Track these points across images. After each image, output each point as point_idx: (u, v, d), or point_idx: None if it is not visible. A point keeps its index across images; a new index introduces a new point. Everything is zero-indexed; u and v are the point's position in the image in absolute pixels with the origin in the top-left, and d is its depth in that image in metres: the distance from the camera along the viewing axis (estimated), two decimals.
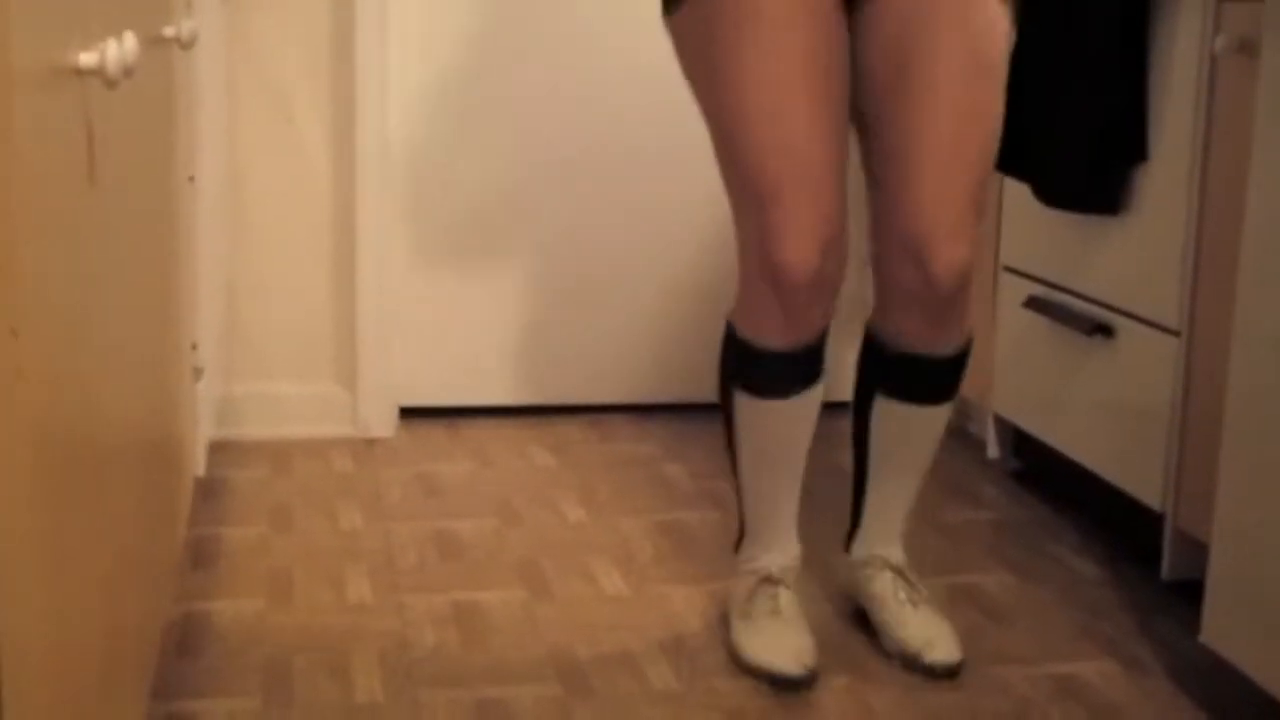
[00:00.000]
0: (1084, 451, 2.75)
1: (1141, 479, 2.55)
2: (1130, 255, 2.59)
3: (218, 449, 3.18)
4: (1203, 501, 2.34)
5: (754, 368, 2.19)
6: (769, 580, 2.30)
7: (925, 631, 2.26)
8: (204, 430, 2.98)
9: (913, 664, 2.24)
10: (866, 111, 2.15)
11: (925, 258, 2.10)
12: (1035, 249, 2.92)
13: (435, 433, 3.37)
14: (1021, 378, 2.99)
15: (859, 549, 2.39)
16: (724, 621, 2.35)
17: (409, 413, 3.45)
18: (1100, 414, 2.69)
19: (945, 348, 2.21)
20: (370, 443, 3.30)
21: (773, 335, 2.15)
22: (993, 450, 3.18)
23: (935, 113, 2.08)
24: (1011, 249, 3.02)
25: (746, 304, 2.16)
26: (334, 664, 2.21)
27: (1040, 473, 3.10)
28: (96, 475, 1.31)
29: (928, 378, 2.24)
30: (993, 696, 2.16)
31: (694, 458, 3.21)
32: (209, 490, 2.94)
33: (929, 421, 2.29)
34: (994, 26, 2.10)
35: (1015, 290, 2.99)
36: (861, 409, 2.32)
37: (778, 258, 2.08)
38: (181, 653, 2.23)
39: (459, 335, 3.47)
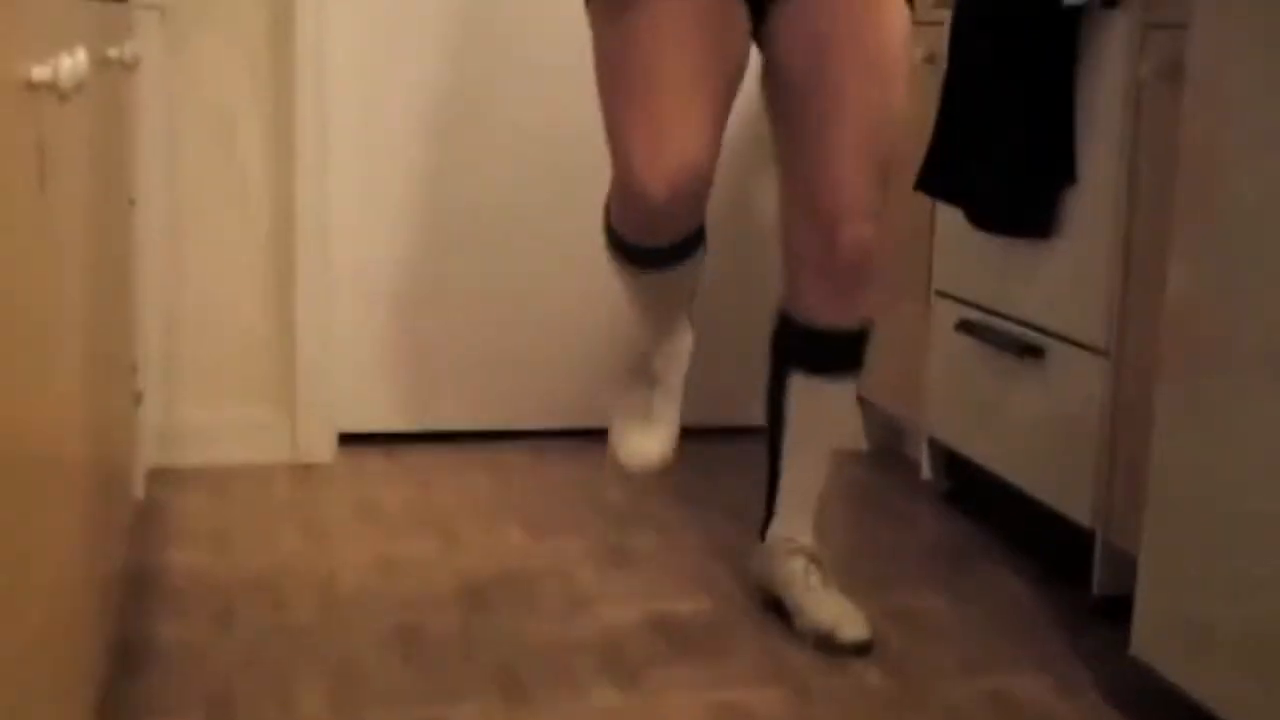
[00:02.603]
0: (1016, 471, 2.79)
1: (1072, 497, 2.60)
2: (1060, 278, 2.65)
3: (156, 474, 3.18)
4: (1132, 518, 2.39)
5: (625, 252, 2.41)
6: (648, 375, 2.54)
7: (836, 612, 2.42)
8: (143, 454, 2.98)
9: (826, 642, 2.39)
10: (780, 103, 2.37)
11: (835, 234, 2.35)
12: (967, 273, 2.97)
13: (374, 458, 3.38)
14: (954, 400, 3.03)
15: (774, 533, 2.54)
16: (662, 629, 2.39)
17: (348, 439, 3.46)
18: (1031, 434, 2.74)
19: (850, 321, 2.44)
20: (309, 468, 3.30)
21: (637, 239, 2.37)
22: (926, 472, 3.23)
23: (846, 106, 2.31)
24: (943, 273, 3.07)
25: (615, 209, 2.37)
26: (277, 686, 2.21)
27: (973, 493, 3.15)
28: (38, 491, 1.31)
29: (836, 350, 2.46)
30: (926, 711, 2.19)
31: (634, 482, 3.23)
32: (148, 515, 2.94)
33: (838, 396, 2.50)
34: (899, 23, 2.34)
35: (947, 314, 3.04)
36: (776, 390, 2.51)
37: (632, 185, 2.27)
38: (124, 675, 2.23)
39: (398, 361, 3.48)
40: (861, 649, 2.37)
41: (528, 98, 3.45)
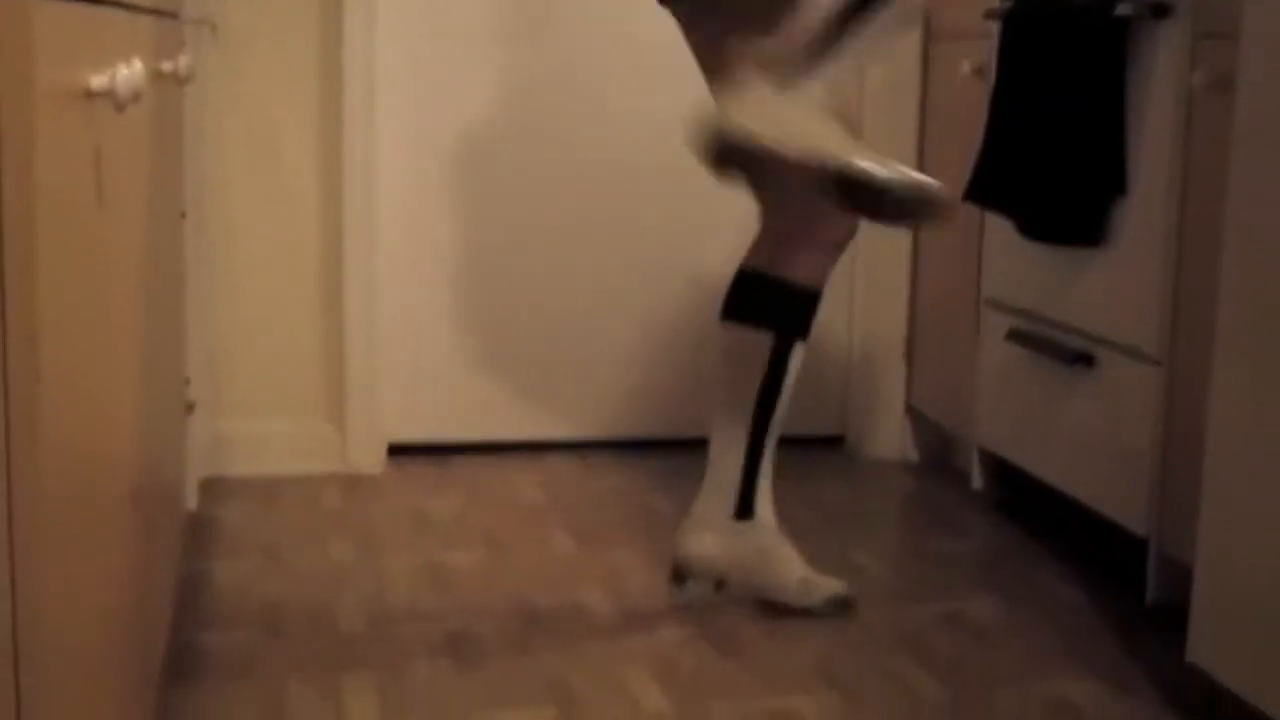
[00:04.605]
0: (1068, 480, 2.78)
1: (1125, 506, 2.58)
2: (1111, 286, 2.63)
3: (206, 485, 3.20)
4: (1186, 526, 2.38)
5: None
6: None
7: (837, 582, 2.60)
8: (194, 465, 3.00)
9: (845, 604, 2.57)
10: None
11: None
12: (1017, 282, 2.96)
13: (424, 469, 3.40)
14: (1005, 409, 3.02)
15: (764, 508, 2.58)
16: (713, 637, 2.39)
17: (397, 450, 3.47)
18: (1083, 443, 2.73)
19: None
20: (359, 479, 3.32)
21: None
22: (977, 481, 3.21)
23: None
24: (993, 282, 3.06)
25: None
26: (327, 691, 2.22)
27: (1025, 502, 3.13)
28: (93, 501, 1.33)
29: (812, 313, 2.53)
30: (982, 717, 2.18)
31: (681, 491, 3.23)
32: (199, 526, 2.96)
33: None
34: None
35: (997, 323, 3.03)
36: (780, 360, 2.51)
37: None
38: (176, 682, 2.24)
39: (447, 372, 3.49)
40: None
41: (581, 116, 3.46)
